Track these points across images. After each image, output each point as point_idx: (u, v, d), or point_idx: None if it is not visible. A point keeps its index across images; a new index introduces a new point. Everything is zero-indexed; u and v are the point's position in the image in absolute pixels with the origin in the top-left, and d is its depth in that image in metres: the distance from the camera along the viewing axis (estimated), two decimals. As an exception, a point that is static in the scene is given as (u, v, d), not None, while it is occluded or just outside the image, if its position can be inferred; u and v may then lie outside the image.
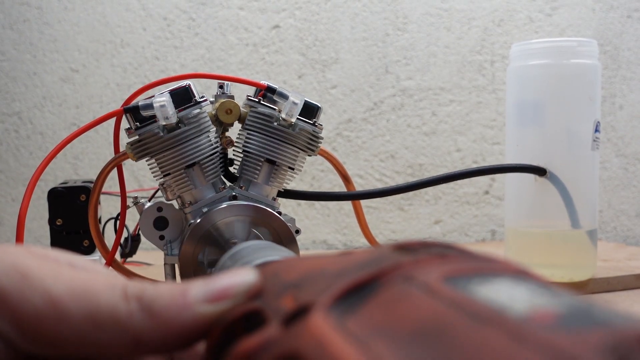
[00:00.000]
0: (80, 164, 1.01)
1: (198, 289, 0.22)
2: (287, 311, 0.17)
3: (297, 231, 0.54)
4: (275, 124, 0.54)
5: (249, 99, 0.55)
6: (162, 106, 0.50)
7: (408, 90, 1.02)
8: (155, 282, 0.22)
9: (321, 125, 0.56)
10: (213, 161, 0.53)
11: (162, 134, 0.51)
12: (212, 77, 0.59)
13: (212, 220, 0.51)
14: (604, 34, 1.04)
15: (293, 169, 0.55)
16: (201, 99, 0.52)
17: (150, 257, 0.79)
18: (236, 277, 0.22)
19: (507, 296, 0.14)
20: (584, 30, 1.03)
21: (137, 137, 0.52)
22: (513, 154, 0.66)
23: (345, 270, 0.18)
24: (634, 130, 1.05)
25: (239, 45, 1.01)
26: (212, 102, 0.54)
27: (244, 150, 0.54)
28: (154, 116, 0.51)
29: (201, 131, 0.52)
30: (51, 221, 0.65)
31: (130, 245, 0.67)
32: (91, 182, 0.67)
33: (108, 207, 0.87)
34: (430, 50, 1.02)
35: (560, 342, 0.11)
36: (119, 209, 0.58)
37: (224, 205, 0.52)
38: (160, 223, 0.54)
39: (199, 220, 0.51)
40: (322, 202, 1.01)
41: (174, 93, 0.51)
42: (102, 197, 0.59)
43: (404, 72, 1.02)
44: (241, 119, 0.55)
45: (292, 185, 0.58)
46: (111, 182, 0.75)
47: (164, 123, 0.51)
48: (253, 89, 0.55)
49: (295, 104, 0.53)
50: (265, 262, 0.30)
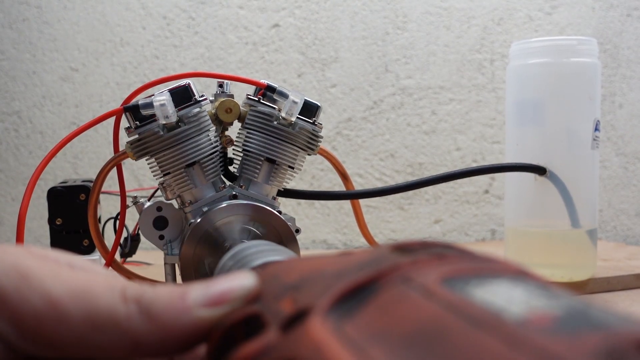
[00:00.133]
0: (80, 163, 1.01)
1: (197, 292, 0.22)
2: (286, 315, 0.18)
3: (297, 230, 0.54)
4: (275, 123, 0.54)
5: (249, 98, 0.55)
6: (162, 105, 0.50)
7: (408, 89, 1.02)
8: (155, 284, 0.22)
9: (321, 124, 0.56)
10: (213, 160, 0.53)
11: (162, 133, 0.51)
12: (211, 76, 0.59)
13: (213, 219, 0.51)
14: (604, 33, 1.03)
15: (293, 168, 0.55)
16: (201, 98, 0.52)
17: (150, 257, 0.79)
18: (235, 282, 0.22)
19: (504, 298, 0.14)
20: (583, 28, 1.03)
21: (136, 136, 0.52)
22: (513, 153, 0.66)
23: (344, 272, 0.18)
24: (633, 129, 1.05)
25: (238, 44, 1.01)
26: (211, 101, 0.54)
27: (243, 150, 0.54)
28: (153, 115, 0.51)
29: (201, 130, 0.52)
30: (51, 221, 0.65)
31: (130, 245, 0.67)
32: (91, 181, 0.67)
33: (108, 206, 0.87)
34: (429, 49, 1.02)
35: (555, 346, 0.11)
36: (118, 209, 0.58)
37: (224, 204, 0.52)
38: (159, 223, 0.54)
39: (199, 220, 0.51)
40: (322, 202, 1.01)
41: (173, 92, 0.51)
42: (101, 196, 0.59)
43: (403, 71, 1.02)
44: (241, 118, 0.55)
45: (292, 184, 0.58)
46: (111, 182, 0.75)
47: (164, 122, 0.51)
48: (253, 87, 0.55)
49: (295, 102, 0.53)
50: (265, 262, 0.30)
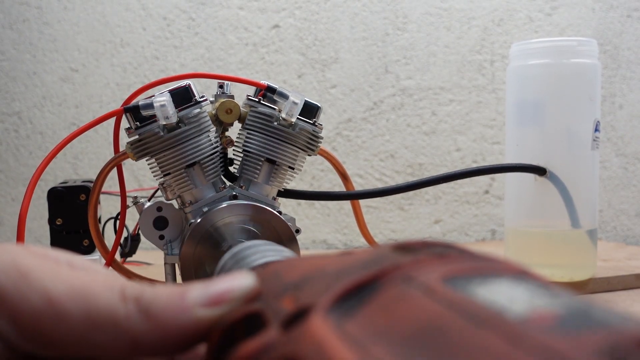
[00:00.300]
0: (80, 164, 1.01)
1: (196, 292, 0.21)
2: (287, 313, 0.17)
3: (297, 231, 0.54)
4: (276, 123, 0.54)
5: (249, 99, 0.55)
6: (162, 106, 0.50)
7: (408, 89, 1.02)
8: (154, 284, 0.22)
9: (321, 124, 0.56)
10: (213, 161, 0.53)
11: (162, 133, 0.51)
12: (212, 77, 0.59)
13: (213, 219, 0.51)
14: (604, 34, 1.03)
15: (293, 168, 0.55)
16: (201, 99, 0.52)
17: (150, 257, 0.79)
18: (234, 282, 0.22)
19: (506, 297, 0.14)
20: (583, 29, 1.03)
21: (137, 136, 0.52)
22: (513, 154, 0.66)
23: (345, 271, 0.18)
24: (633, 129, 1.05)
25: (238, 44, 1.01)
26: (212, 102, 0.54)
27: (244, 150, 0.54)
28: (154, 116, 0.51)
29: (201, 131, 0.52)
30: (51, 221, 0.65)
31: (130, 245, 0.67)
32: (91, 181, 0.67)
33: (108, 206, 0.87)
34: (430, 49, 1.02)
35: (558, 344, 0.11)
36: (118, 209, 0.58)
37: (225, 204, 0.52)
38: (160, 223, 0.54)
39: (199, 220, 0.51)
40: (322, 202, 1.01)
41: (174, 93, 0.51)
42: (101, 196, 0.59)
43: (403, 72, 1.02)
44: (241, 119, 0.55)
45: (292, 184, 0.58)
46: (111, 182, 0.75)
47: (164, 123, 0.51)
48: (253, 88, 0.55)
49: (296, 103, 0.53)
50: (265, 262, 0.30)
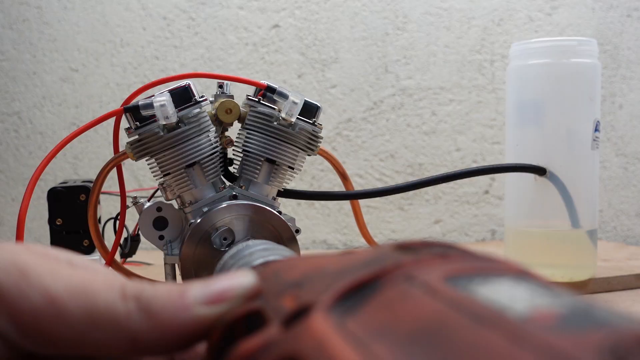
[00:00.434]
0: (80, 164, 1.01)
1: (196, 290, 0.21)
2: (288, 311, 0.17)
3: (297, 230, 0.54)
4: (275, 123, 0.54)
5: (249, 99, 0.55)
6: (162, 106, 0.50)
7: (408, 89, 1.02)
8: (154, 282, 0.22)
9: (321, 124, 0.56)
10: (213, 161, 0.53)
11: (162, 133, 0.51)
12: (211, 77, 0.59)
13: (213, 219, 0.51)
14: (604, 33, 1.03)
15: (293, 168, 0.55)
16: (201, 99, 0.52)
17: (150, 257, 0.79)
18: (234, 280, 0.22)
19: (507, 296, 0.14)
20: (583, 29, 1.03)
21: (136, 136, 0.52)
22: (513, 154, 0.66)
23: (346, 270, 0.18)
24: (633, 129, 1.05)
25: (238, 44, 1.01)
26: (211, 102, 0.54)
27: (243, 150, 0.54)
28: (153, 116, 0.51)
29: (201, 131, 0.52)
30: (51, 221, 0.65)
31: (130, 245, 0.67)
32: (91, 181, 0.67)
33: (108, 206, 0.87)
34: (430, 49, 1.02)
35: (560, 343, 0.11)
36: (118, 209, 0.58)
37: (224, 204, 0.52)
38: (159, 223, 0.54)
39: (199, 220, 0.51)
40: (322, 202, 1.01)
41: (173, 92, 0.51)
42: (101, 196, 0.59)
43: (403, 72, 1.02)
44: (241, 119, 0.55)
45: (292, 184, 0.58)
46: (111, 182, 0.75)
47: (164, 122, 0.51)
48: (253, 88, 0.55)
49: (295, 103, 0.53)
50: (265, 261, 0.30)
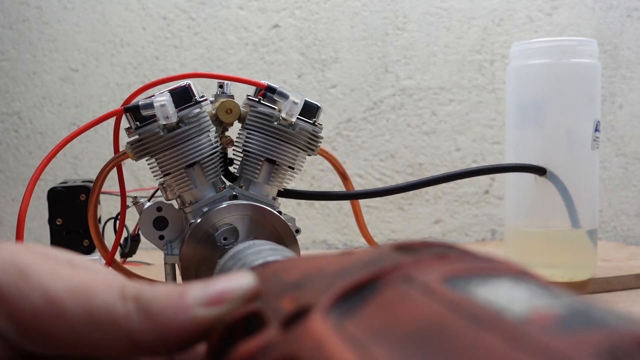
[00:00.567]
0: (80, 164, 1.01)
1: (196, 291, 0.21)
2: (287, 313, 0.17)
3: (297, 231, 0.54)
4: (276, 123, 0.54)
5: (249, 99, 0.55)
6: (162, 106, 0.50)
7: (408, 89, 1.02)
8: (154, 283, 0.22)
9: (321, 124, 0.56)
10: (213, 161, 0.53)
11: (162, 133, 0.51)
12: (212, 77, 0.59)
13: (213, 219, 0.51)
14: (604, 33, 1.03)
15: (293, 168, 0.55)
16: (201, 99, 0.52)
17: (150, 257, 0.79)
18: (234, 281, 0.22)
19: (506, 297, 0.14)
20: (583, 29, 1.03)
21: (137, 136, 0.52)
22: (513, 154, 0.66)
23: (345, 270, 0.18)
24: (633, 129, 1.05)
25: (238, 44, 1.01)
26: (212, 102, 0.54)
27: (244, 150, 0.54)
28: (154, 116, 0.51)
29: (201, 131, 0.52)
30: (51, 221, 0.65)
31: (130, 245, 0.67)
32: (91, 181, 0.67)
33: (108, 206, 0.87)
34: (430, 49, 1.02)
35: (557, 344, 0.11)
36: (118, 209, 0.58)
37: (225, 204, 0.52)
38: (159, 223, 0.54)
39: (199, 220, 0.51)
40: (322, 202, 1.01)
41: (174, 92, 0.51)
42: (101, 196, 0.59)
43: (403, 72, 1.02)
44: (241, 119, 0.55)
45: (292, 184, 0.58)
46: (111, 182, 0.75)
47: (164, 122, 0.51)
48: (253, 88, 0.55)
49: (296, 103, 0.53)
50: (265, 262, 0.30)
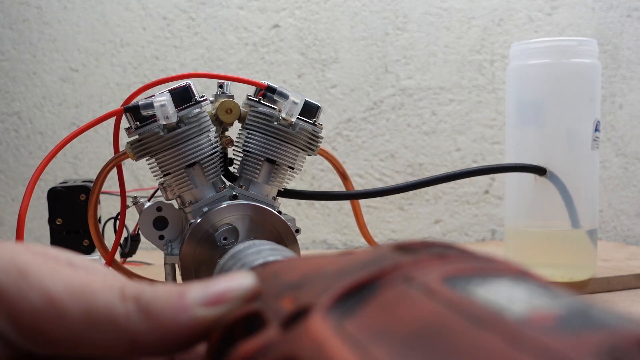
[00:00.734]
0: (80, 164, 1.01)
1: (196, 291, 0.21)
2: (287, 313, 0.17)
3: (297, 231, 0.54)
4: (276, 123, 0.54)
5: (249, 99, 0.55)
6: (162, 105, 0.50)
7: (408, 89, 1.02)
8: (154, 283, 0.22)
9: (321, 124, 0.56)
10: (213, 161, 0.53)
11: (162, 133, 0.51)
12: (212, 77, 0.59)
13: (213, 219, 0.51)
14: (604, 33, 1.03)
15: (293, 168, 0.55)
16: (201, 99, 0.52)
17: (150, 257, 0.79)
18: (234, 281, 0.22)
19: (506, 297, 0.14)
20: (583, 29, 1.03)
21: (137, 136, 0.52)
22: (513, 154, 0.66)
23: (345, 271, 0.18)
24: (633, 129, 1.05)
25: (238, 44, 1.01)
26: (212, 102, 0.54)
27: (244, 150, 0.54)
28: (154, 115, 0.51)
29: (201, 130, 0.52)
30: (51, 221, 0.65)
31: (130, 245, 0.67)
32: (91, 181, 0.67)
33: (108, 206, 0.87)
34: (430, 49, 1.02)
35: (557, 345, 0.11)
36: (118, 209, 0.58)
37: (224, 204, 0.52)
38: (159, 223, 0.54)
39: (199, 220, 0.51)
40: (322, 202, 1.01)
41: (174, 92, 0.51)
42: (101, 196, 0.59)
43: (403, 72, 1.02)
44: (241, 119, 0.55)
45: (292, 184, 0.58)
46: (111, 182, 0.75)
47: (164, 122, 0.51)
48: (253, 88, 0.55)
49: (296, 103, 0.53)
50: (265, 262, 0.30)
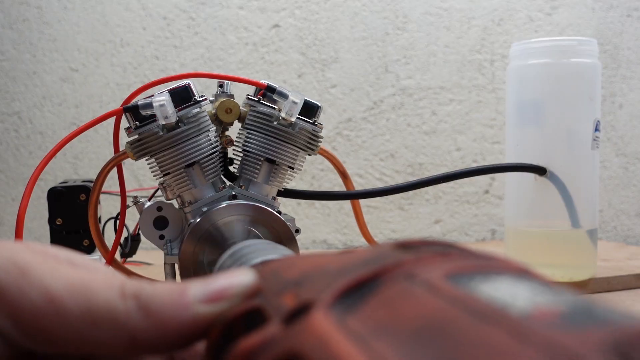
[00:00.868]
0: (80, 164, 1.01)
1: (196, 288, 0.21)
2: (288, 309, 0.17)
3: (297, 230, 0.54)
4: (275, 123, 0.53)
5: (249, 98, 0.55)
6: (162, 105, 0.50)
7: (408, 89, 1.02)
8: (154, 281, 0.22)
9: (321, 124, 0.56)
10: (213, 160, 0.53)
11: (161, 133, 0.51)
12: (211, 77, 0.59)
13: (212, 219, 0.51)
14: (604, 33, 1.03)
15: (293, 168, 0.55)
16: (201, 98, 0.52)
17: (150, 257, 0.79)
18: (234, 278, 0.22)
19: (509, 294, 0.14)
20: (583, 29, 1.03)
21: (136, 136, 0.52)
22: (513, 153, 0.66)
23: (346, 268, 0.18)
24: (633, 129, 1.05)
25: (238, 44, 1.01)
26: (211, 101, 0.54)
27: (243, 150, 0.54)
28: (153, 115, 0.51)
29: (201, 130, 0.52)
30: (51, 221, 0.65)
31: (130, 245, 0.67)
32: (91, 181, 0.67)
33: (108, 206, 0.87)
34: (430, 49, 1.02)
35: (563, 339, 0.11)
36: (118, 209, 0.58)
37: (224, 204, 0.52)
38: (160, 222, 0.54)
39: (198, 220, 0.51)
40: (322, 202, 1.01)
41: (173, 92, 0.51)
42: (101, 196, 0.59)
43: (403, 71, 1.02)
44: (241, 118, 0.55)
45: (292, 184, 0.58)
46: (111, 182, 0.74)
47: (164, 122, 0.51)
48: (253, 88, 0.55)
49: (295, 103, 0.53)
50: (264, 260, 0.30)
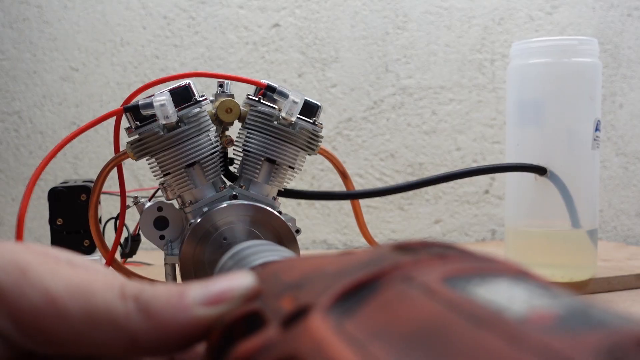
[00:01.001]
0: (80, 164, 1.01)
1: (196, 291, 0.22)
2: (286, 312, 0.17)
3: (298, 231, 0.54)
4: (276, 122, 0.54)
5: (249, 98, 0.55)
6: (162, 105, 0.50)
7: (408, 89, 1.02)
8: (154, 283, 0.22)
9: (321, 124, 0.56)
10: (213, 160, 0.53)
11: (162, 133, 0.51)
12: (212, 76, 0.59)
13: (213, 219, 0.51)
14: (605, 33, 1.03)
15: (293, 168, 0.55)
16: (201, 98, 0.52)
17: (151, 257, 0.79)
18: (234, 281, 0.22)
19: (505, 297, 0.14)
20: (584, 28, 1.03)
21: (137, 136, 0.52)
22: (513, 153, 0.66)
23: (344, 271, 0.18)
24: (634, 129, 1.05)
25: (238, 43, 1.01)
26: (212, 101, 0.54)
27: (244, 150, 0.54)
28: (154, 115, 0.51)
29: (201, 130, 0.52)
30: (51, 221, 0.65)
31: (130, 245, 0.67)
32: (91, 181, 0.67)
33: (108, 206, 0.87)
34: (430, 48, 1.02)
35: (557, 344, 0.11)
36: (119, 209, 0.58)
37: (224, 204, 0.52)
38: (160, 223, 0.54)
39: (199, 220, 0.51)
40: (322, 202, 1.01)
41: (173, 92, 0.51)
42: (102, 196, 0.59)
43: (404, 71, 1.02)
44: (241, 118, 0.55)
45: (292, 184, 0.58)
46: (111, 182, 0.75)
47: (164, 122, 0.51)
48: (253, 87, 0.55)
49: (296, 102, 0.53)
50: (264, 262, 0.30)
